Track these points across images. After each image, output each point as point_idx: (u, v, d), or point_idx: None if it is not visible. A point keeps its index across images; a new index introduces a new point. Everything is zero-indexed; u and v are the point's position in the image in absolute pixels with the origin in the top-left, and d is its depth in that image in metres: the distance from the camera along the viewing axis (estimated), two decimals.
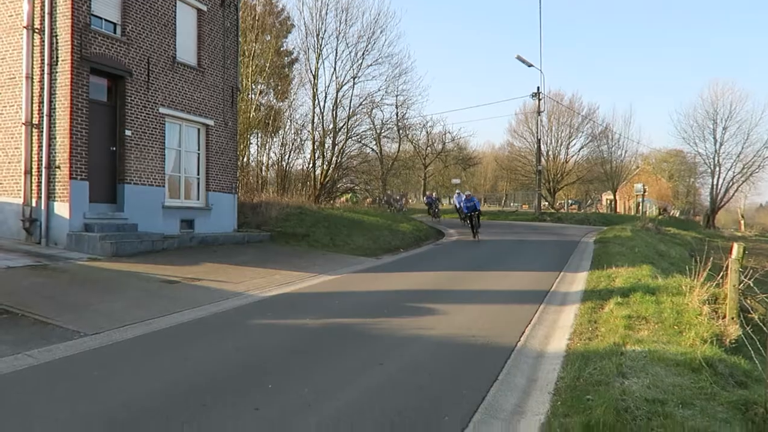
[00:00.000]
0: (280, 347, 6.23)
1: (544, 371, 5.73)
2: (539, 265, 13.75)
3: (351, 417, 4.31)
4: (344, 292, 9.70)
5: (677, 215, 50.28)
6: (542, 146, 41.41)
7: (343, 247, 15.89)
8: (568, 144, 48.16)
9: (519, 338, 6.87)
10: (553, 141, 47.62)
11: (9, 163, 11.87)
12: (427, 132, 40.93)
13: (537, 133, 38.61)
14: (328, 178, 30.27)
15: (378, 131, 35.05)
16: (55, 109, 11.35)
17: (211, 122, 15.21)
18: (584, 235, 23.35)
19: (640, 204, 47.30)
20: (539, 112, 36.61)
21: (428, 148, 41.89)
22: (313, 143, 30.56)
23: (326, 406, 4.51)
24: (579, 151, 48.85)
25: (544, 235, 23.35)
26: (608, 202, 55.00)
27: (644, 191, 45.58)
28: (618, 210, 51.86)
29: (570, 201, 55.48)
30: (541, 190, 40.36)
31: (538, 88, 35.49)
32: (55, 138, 11.37)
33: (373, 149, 36.21)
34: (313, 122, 30.60)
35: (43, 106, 11.38)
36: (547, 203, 46.54)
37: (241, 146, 23.99)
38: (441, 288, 10.33)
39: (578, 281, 11.34)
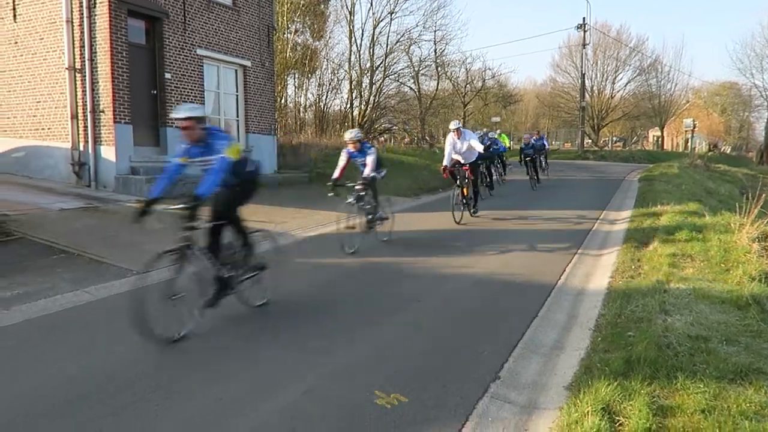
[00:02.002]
0: (322, 285, 6.38)
1: (585, 308, 5.73)
2: (581, 203, 13.52)
3: (391, 351, 4.44)
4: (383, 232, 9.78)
5: (728, 151, 48.29)
6: (587, 81, 39.86)
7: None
8: (614, 78, 46.11)
9: (559, 276, 6.85)
10: (598, 75, 45.66)
11: (56, 108, 12.15)
12: (466, 69, 39.76)
13: (582, 67, 37.18)
14: (366, 118, 30.05)
15: (416, 69, 34.30)
16: (96, 53, 11.47)
17: (248, 63, 15.14)
18: (629, 173, 22.74)
19: (689, 140, 45.50)
20: (584, 45, 35.13)
21: (467, 85, 40.78)
22: (351, 83, 30.23)
23: (367, 341, 4.65)
24: (625, 85, 46.76)
25: (586, 173, 22.86)
26: (655, 138, 53.04)
27: (694, 127, 43.74)
28: (665, 147, 50.01)
29: (614, 138, 53.70)
30: (584, 127, 39.16)
31: (584, 19, 33.95)
32: (98, 82, 11.53)
33: (411, 88, 35.54)
34: (349, 61, 30.17)
35: (84, 51, 11.50)
36: (590, 141, 45.21)
37: (279, 87, 23.92)
38: (480, 227, 10.30)
39: (621, 220, 11.13)
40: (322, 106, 29.81)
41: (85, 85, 11.59)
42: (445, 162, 10.31)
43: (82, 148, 11.84)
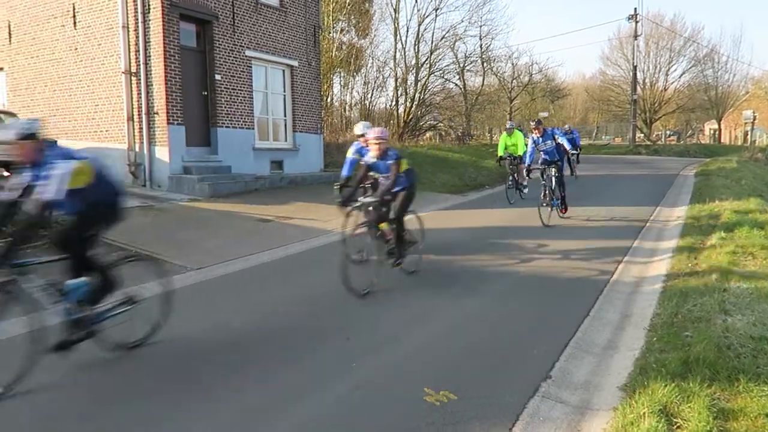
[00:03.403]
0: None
1: (639, 307, 5.57)
2: (633, 200, 13.14)
3: (439, 348, 4.43)
4: (430, 229, 9.70)
5: None
6: (638, 73, 38.62)
7: (428, 184, 15.86)
8: (668, 70, 44.44)
9: (611, 274, 6.69)
10: (650, 67, 44.11)
11: (113, 110, 12.62)
12: (512, 64, 39.11)
13: (633, 59, 36.04)
14: (411, 116, 30.02)
15: (461, 65, 34.01)
16: (150, 56, 11.85)
17: (295, 63, 15.34)
18: (683, 168, 21.97)
19: (749, 133, 43.49)
20: (636, 36, 34.07)
21: (514, 80, 40.13)
22: (396, 80, 30.25)
23: (414, 338, 4.66)
24: (680, 77, 44.99)
25: (638, 168, 22.19)
26: (711, 132, 50.95)
27: (754, 118, 41.77)
28: (722, 140, 47.98)
29: (668, 132, 51.88)
30: (636, 121, 37.99)
31: (635, 9, 32.90)
32: (152, 85, 11.92)
33: (456, 84, 35.26)
34: (395, 59, 30.19)
35: (139, 55, 11.90)
36: (642, 135, 43.79)
37: (325, 86, 24.13)
38: (529, 224, 10.14)
39: (676, 216, 10.77)
40: (367, 104, 29.97)
41: (140, 88, 11.99)
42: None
43: (137, 149, 12.27)
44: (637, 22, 32.86)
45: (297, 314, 5.25)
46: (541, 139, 10.17)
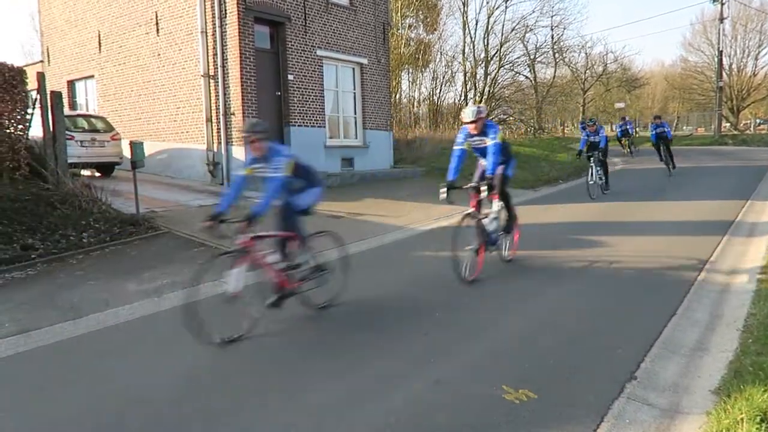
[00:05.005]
0: (445, 278, 6.38)
1: (731, 307, 5.26)
2: (720, 193, 12.40)
3: (517, 346, 4.35)
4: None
5: None
6: (724, 59, 36.33)
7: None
8: (758, 54, 41.55)
9: (699, 271, 6.34)
10: (737, 52, 41.43)
11: (193, 112, 13.19)
12: (586, 53, 37.84)
13: (719, 43, 33.91)
14: None
15: (532, 57, 33.27)
16: (227, 59, 12.29)
17: (364, 61, 15.48)
18: None
19: None
20: (722, 20, 32.07)
21: (587, 71, 38.84)
22: (464, 75, 29.99)
23: (491, 335, 4.60)
24: None
25: (725, 160, 20.91)
26: None
27: None
28: None
29: (758, 120, 48.52)
30: (721, 110, 35.78)
31: None
32: (228, 87, 12.36)
33: (526, 76, 34.53)
34: (463, 53, 29.94)
35: (217, 58, 12.37)
36: (729, 124, 41.22)
37: (393, 83, 24.22)
38: (606, 219, 9.79)
39: None
40: (435, 100, 29.82)
41: (218, 90, 12.47)
42: None
43: (215, 149, 12.76)
44: (723, 4, 30.99)
45: (376, 309, 5.30)
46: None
